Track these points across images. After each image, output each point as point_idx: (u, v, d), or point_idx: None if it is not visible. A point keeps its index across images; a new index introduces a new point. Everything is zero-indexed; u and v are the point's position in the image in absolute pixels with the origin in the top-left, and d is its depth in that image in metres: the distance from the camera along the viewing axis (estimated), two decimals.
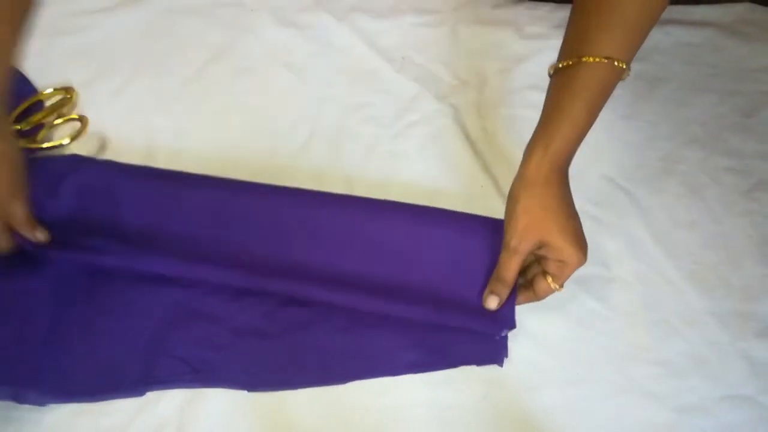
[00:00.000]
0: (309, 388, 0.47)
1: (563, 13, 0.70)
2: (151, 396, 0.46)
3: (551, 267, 0.47)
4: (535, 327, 0.50)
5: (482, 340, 0.49)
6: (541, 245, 0.46)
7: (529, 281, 0.49)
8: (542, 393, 0.48)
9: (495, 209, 0.55)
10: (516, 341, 0.49)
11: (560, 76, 0.46)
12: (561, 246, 0.45)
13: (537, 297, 0.49)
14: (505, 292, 0.48)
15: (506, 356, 0.48)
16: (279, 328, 0.49)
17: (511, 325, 0.48)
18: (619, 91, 0.49)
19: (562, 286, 0.47)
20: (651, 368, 0.49)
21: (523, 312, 0.50)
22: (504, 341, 0.49)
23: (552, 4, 0.71)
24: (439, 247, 0.51)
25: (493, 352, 0.48)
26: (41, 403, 0.45)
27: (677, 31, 0.69)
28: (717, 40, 0.68)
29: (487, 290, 0.49)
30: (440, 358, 0.48)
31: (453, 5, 0.71)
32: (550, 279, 0.47)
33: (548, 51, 0.66)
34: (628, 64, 0.45)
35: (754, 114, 0.63)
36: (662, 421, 0.47)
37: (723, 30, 0.69)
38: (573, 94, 0.45)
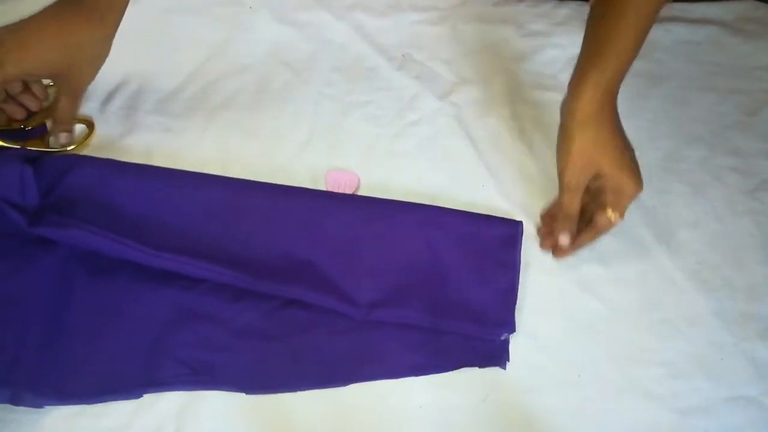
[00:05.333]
0: (310, 390, 0.47)
1: (565, 10, 0.69)
2: (150, 397, 0.46)
3: (609, 197, 0.49)
4: (536, 328, 0.50)
5: (484, 342, 0.49)
6: (597, 177, 0.48)
7: (588, 221, 0.51)
8: (543, 395, 0.48)
9: (497, 209, 0.55)
10: (517, 343, 0.49)
11: (600, 6, 0.47)
12: (616, 174, 0.48)
13: (599, 232, 0.50)
14: (574, 227, 0.51)
15: (508, 359, 0.48)
16: (280, 330, 0.48)
17: (511, 329, 0.49)
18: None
19: (622, 215, 0.49)
20: (653, 369, 0.49)
21: (524, 313, 0.50)
22: (506, 343, 0.49)
23: (554, 2, 0.70)
24: (437, 250, 0.51)
25: (495, 354, 0.48)
26: (38, 405, 0.45)
27: (678, 28, 0.68)
28: (718, 37, 0.68)
29: (558, 229, 0.51)
30: (442, 361, 0.48)
31: (454, 2, 0.70)
32: (609, 211, 0.49)
33: (550, 49, 0.66)
34: None
35: (756, 113, 0.63)
36: (665, 423, 0.47)
37: (725, 28, 0.69)
38: (617, 22, 0.46)
